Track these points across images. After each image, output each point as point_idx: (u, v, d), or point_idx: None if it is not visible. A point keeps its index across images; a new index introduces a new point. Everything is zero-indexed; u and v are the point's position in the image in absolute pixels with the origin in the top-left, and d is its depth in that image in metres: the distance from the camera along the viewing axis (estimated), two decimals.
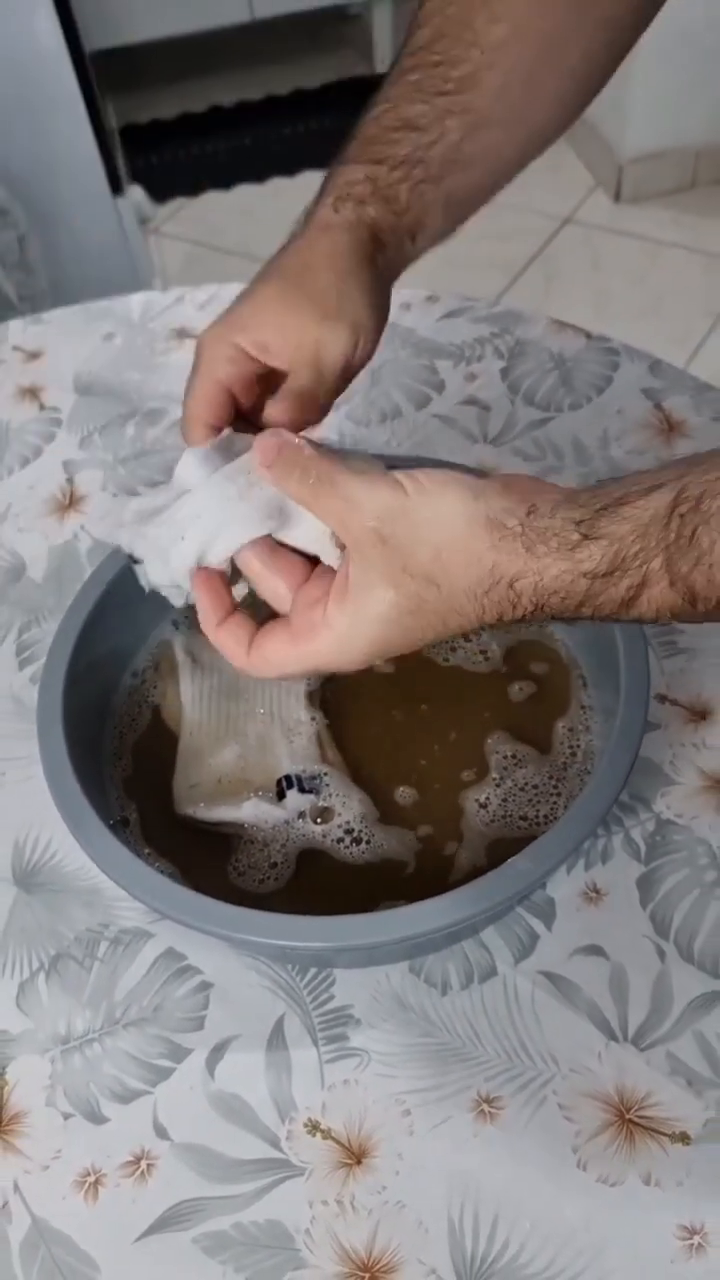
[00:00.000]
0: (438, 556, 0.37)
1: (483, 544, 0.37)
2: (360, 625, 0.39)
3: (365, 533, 0.38)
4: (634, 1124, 0.46)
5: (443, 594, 0.38)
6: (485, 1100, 0.47)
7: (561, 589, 0.37)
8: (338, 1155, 0.46)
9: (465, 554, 0.37)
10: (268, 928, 0.45)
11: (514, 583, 0.37)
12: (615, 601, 0.36)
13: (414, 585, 0.38)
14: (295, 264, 0.47)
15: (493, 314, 0.80)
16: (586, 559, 0.36)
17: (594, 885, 0.53)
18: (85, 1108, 0.48)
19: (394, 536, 0.37)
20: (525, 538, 0.37)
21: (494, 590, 0.37)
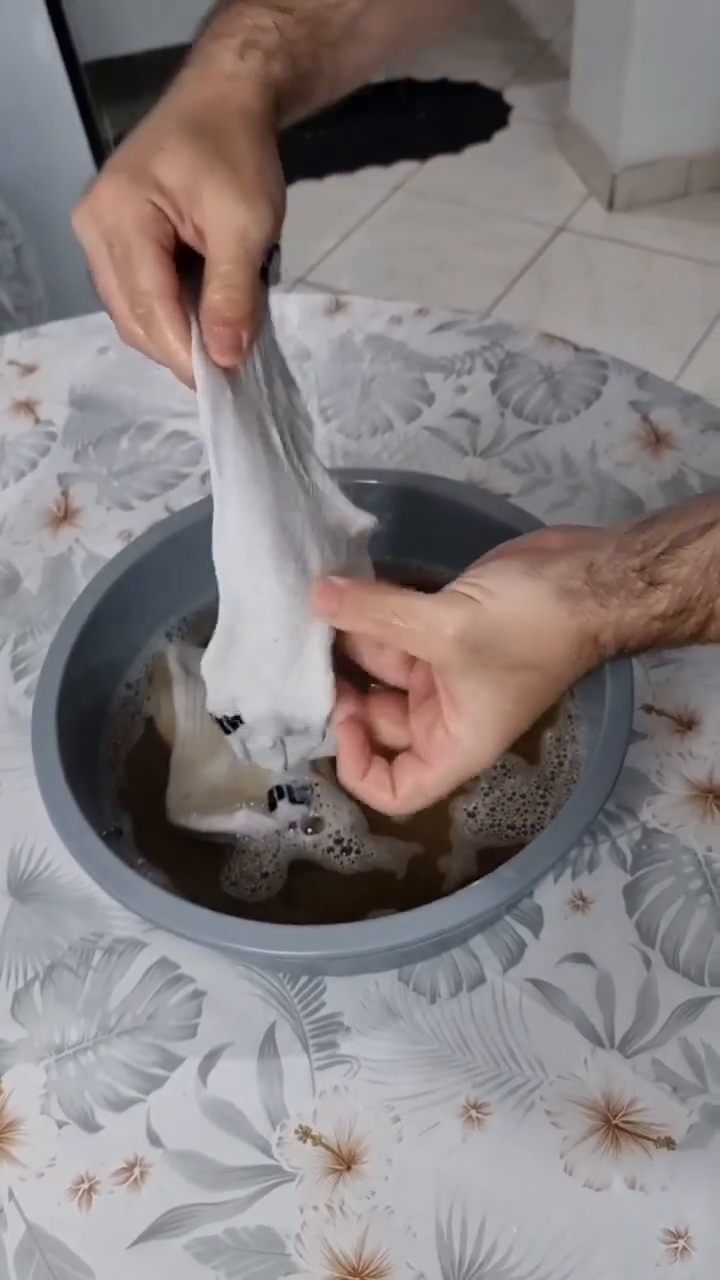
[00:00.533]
0: (532, 645, 0.39)
1: (564, 616, 0.39)
2: (485, 729, 0.41)
3: (452, 649, 0.39)
4: (620, 1129, 0.47)
5: (547, 674, 0.40)
6: (473, 1106, 0.48)
7: (637, 633, 0.39)
8: (328, 1161, 0.47)
9: (553, 632, 0.39)
10: (258, 937, 0.45)
11: (598, 637, 0.39)
12: (685, 635, 0.39)
13: (519, 677, 0.40)
14: (209, 121, 0.41)
15: (483, 327, 0.81)
16: (655, 603, 0.39)
17: (581, 894, 0.53)
18: (79, 1116, 0.49)
19: (482, 644, 0.39)
20: (596, 595, 0.39)
21: (584, 650, 0.40)
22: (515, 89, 2.50)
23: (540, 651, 0.39)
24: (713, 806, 0.56)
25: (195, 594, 0.63)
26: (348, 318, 0.83)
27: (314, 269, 2.12)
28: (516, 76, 2.53)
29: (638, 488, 0.70)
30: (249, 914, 0.47)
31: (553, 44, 2.61)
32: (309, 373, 0.79)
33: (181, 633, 0.62)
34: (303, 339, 0.82)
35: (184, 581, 0.61)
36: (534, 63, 2.57)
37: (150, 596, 0.61)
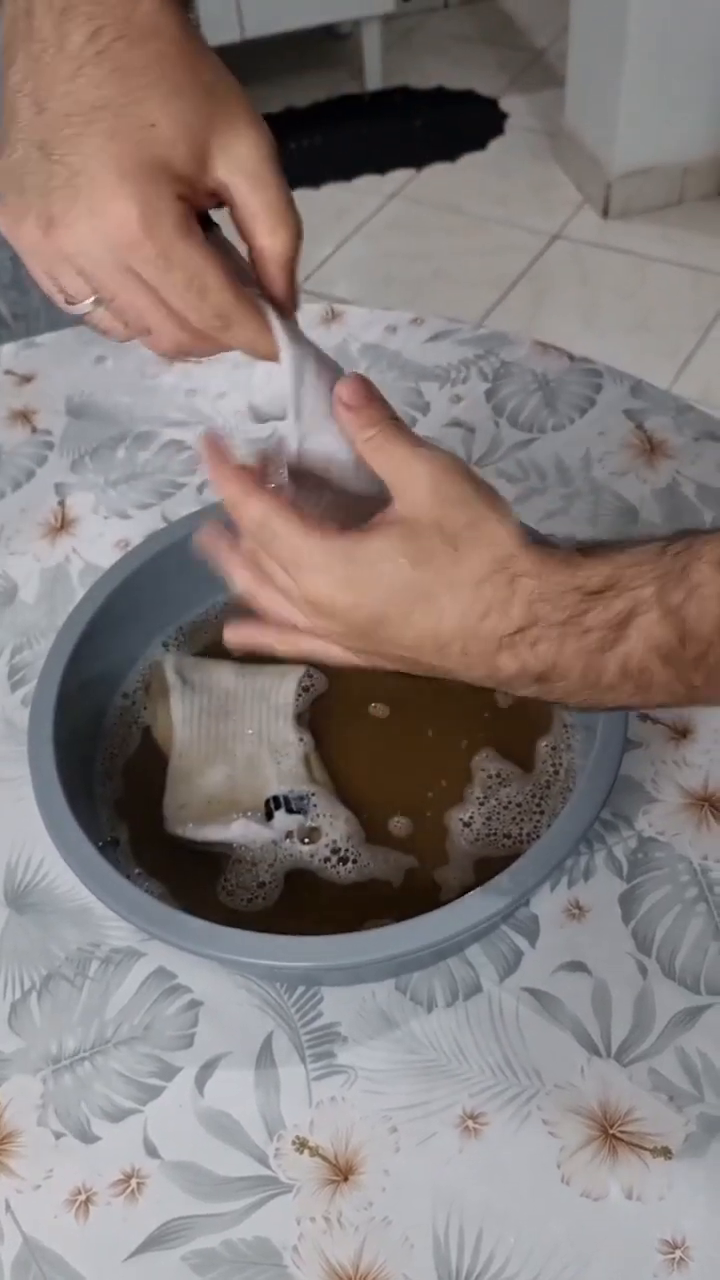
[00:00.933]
0: (471, 525, 0.38)
1: (507, 533, 0.38)
2: (362, 546, 0.39)
3: (424, 479, 0.38)
4: (617, 1138, 0.47)
5: (455, 558, 0.38)
6: (470, 1116, 0.48)
7: (554, 597, 0.37)
8: (325, 1172, 0.47)
9: (492, 534, 0.38)
10: (255, 948, 0.45)
11: (516, 578, 0.38)
12: (604, 625, 0.36)
13: (434, 540, 0.38)
14: (160, 72, 0.37)
15: (477, 336, 0.82)
16: (581, 573, 0.37)
17: (577, 902, 0.53)
18: (76, 1127, 0.49)
19: (448, 492, 0.38)
20: (540, 548, 0.38)
21: (497, 576, 0.38)
22: (511, 97, 2.51)
23: (473, 540, 0.38)
24: (708, 814, 0.56)
25: (192, 604, 0.63)
26: (343, 327, 0.83)
27: (311, 276, 2.13)
28: (512, 85, 2.54)
29: (632, 496, 0.70)
30: (245, 924, 0.47)
31: (548, 52, 2.62)
32: None
33: (178, 642, 0.63)
34: None
35: (181, 591, 0.62)
36: (529, 71, 2.59)
37: (147, 606, 0.61)
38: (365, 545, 0.39)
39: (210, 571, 0.47)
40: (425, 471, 0.39)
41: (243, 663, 0.60)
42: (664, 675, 0.36)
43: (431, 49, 2.66)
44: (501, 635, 0.38)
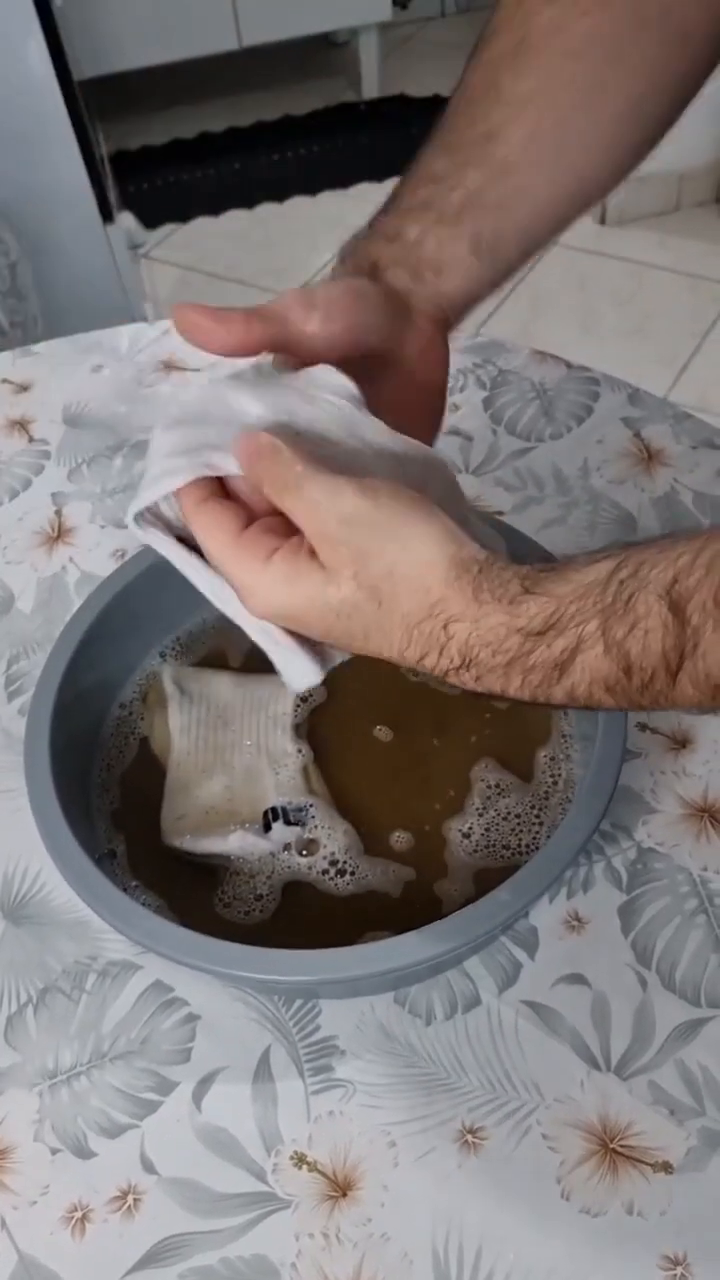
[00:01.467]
0: (390, 575, 0.37)
1: (437, 577, 0.37)
2: (292, 593, 0.39)
3: (326, 534, 0.38)
4: (617, 1153, 0.46)
5: (380, 612, 0.38)
6: (469, 1131, 0.47)
7: (494, 641, 0.36)
8: (323, 1188, 0.46)
9: (417, 582, 0.37)
10: (252, 962, 0.45)
11: (449, 624, 0.37)
12: (548, 664, 0.36)
13: (356, 593, 0.38)
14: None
15: (475, 344, 0.82)
16: (523, 614, 0.36)
17: (576, 914, 0.53)
18: (73, 1142, 0.48)
19: (353, 543, 0.37)
20: (475, 582, 0.37)
21: (427, 624, 0.37)
22: None
23: (394, 590, 0.37)
24: (708, 825, 0.56)
25: (189, 614, 0.63)
26: None
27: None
28: None
29: (630, 504, 0.70)
30: (243, 936, 0.46)
31: None
32: None
33: (176, 652, 0.62)
34: None
35: (178, 601, 0.61)
36: None
37: (144, 616, 0.60)
38: (294, 585, 0.39)
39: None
40: (334, 517, 0.38)
41: (241, 673, 0.60)
42: (610, 701, 0.36)
43: (429, 57, 2.66)
44: (445, 669, 0.38)
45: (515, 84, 0.48)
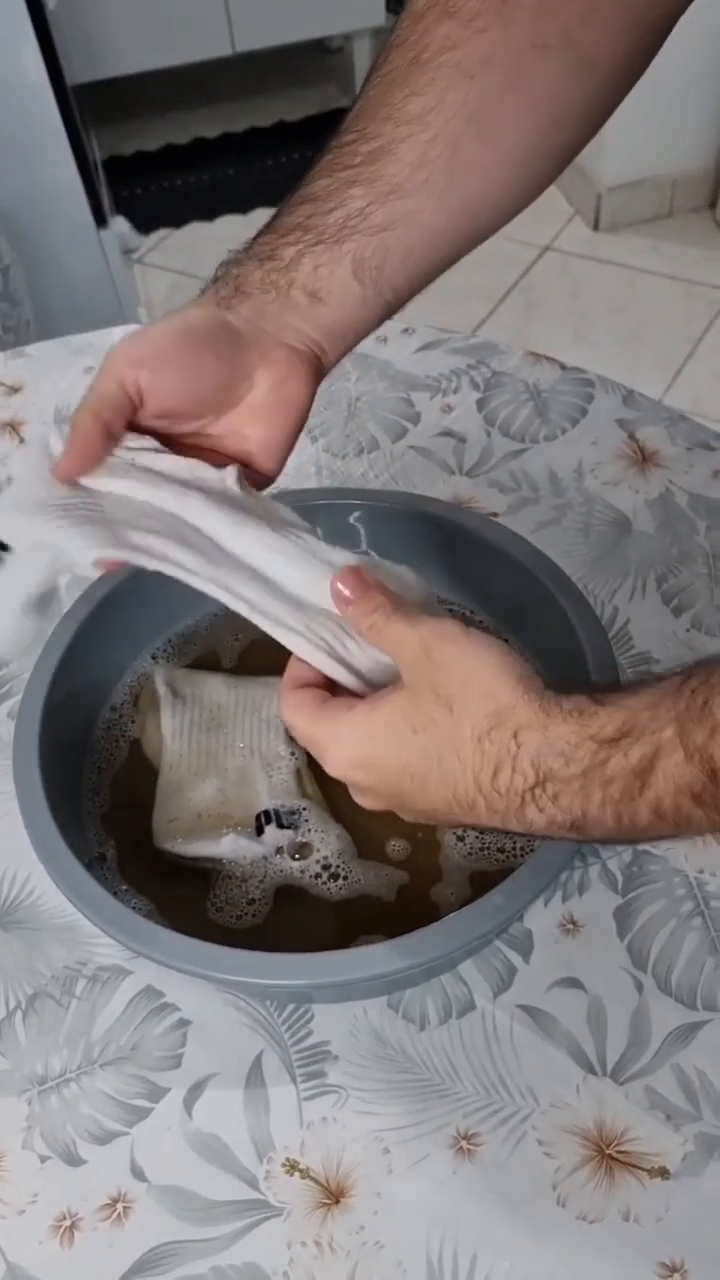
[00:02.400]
0: (464, 682, 0.38)
1: (505, 687, 0.37)
2: (372, 722, 0.39)
3: (418, 649, 0.39)
4: (613, 1159, 0.46)
5: (452, 719, 0.38)
6: (464, 1137, 0.47)
7: (566, 750, 0.35)
8: (316, 1195, 0.46)
9: (486, 687, 0.37)
10: (243, 965, 0.44)
11: (519, 732, 0.36)
12: (626, 773, 0.34)
13: (432, 705, 0.38)
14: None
15: (469, 346, 0.81)
16: (594, 723, 0.35)
17: (571, 917, 0.53)
18: (62, 1150, 0.48)
19: (438, 658, 0.38)
20: (544, 698, 0.37)
21: (496, 732, 0.37)
22: None
23: (465, 696, 0.37)
24: None
25: (181, 615, 0.63)
26: None
27: None
28: None
29: (625, 506, 0.70)
30: (234, 941, 0.46)
31: None
32: None
33: (167, 654, 0.62)
34: None
35: (169, 603, 0.61)
36: None
37: (135, 618, 0.60)
38: (373, 717, 0.40)
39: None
40: (417, 639, 0.39)
41: (234, 675, 0.60)
42: (699, 813, 0.34)
43: None
44: (520, 791, 0.37)
45: (408, 102, 0.45)
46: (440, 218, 0.46)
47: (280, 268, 0.45)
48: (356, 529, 0.60)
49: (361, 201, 0.45)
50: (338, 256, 0.45)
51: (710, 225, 2.20)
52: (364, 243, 0.45)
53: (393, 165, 0.45)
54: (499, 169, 0.47)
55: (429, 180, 0.45)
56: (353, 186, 0.45)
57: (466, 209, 0.47)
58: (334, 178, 0.46)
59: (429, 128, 0.45)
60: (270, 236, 0.46)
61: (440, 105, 0.45)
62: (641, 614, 0.64)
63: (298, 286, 0.45)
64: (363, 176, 0.45)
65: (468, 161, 0.45)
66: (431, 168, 0.45)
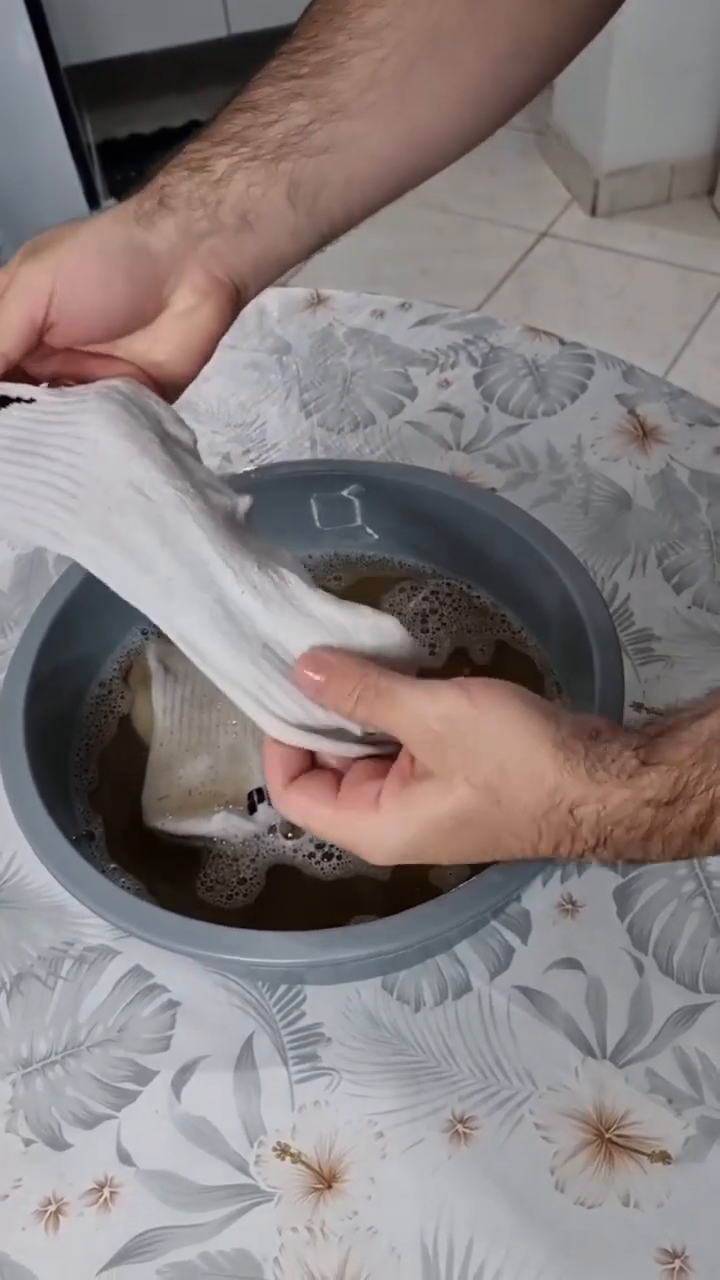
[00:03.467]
0: (502, 770, 0.35)
1: (547, 763, 0.35)
2: (408, 820, 0.37)
3: (429, 736, 0.36)
4: (613, 1143, 0.45)
5: (502, 810, 0.36)
6: (460, 1120, 0.46)
7: (626, 819, 0.35)
8: (308, 1180, 0.45)
9: (529, 771, 0.35)
10: (233, 944, 0.43)
11: (574, 809, 0.35)
12: (685, 830, 0.34)
13: (474, 797, 0.36)
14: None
15: (466, 321, 0.80)
16: (648, 786, 0.34)
17: (570, 897, 0.51)
18: (47, 1134, 0.46)
19: (459, 744, 0.36)
20: (588, 761, 0.35)
21: (553, 814, 0.35)
22: None
23: (510, 785, 0.35)
24: None
25: None
26: (329, 311, 0.82)
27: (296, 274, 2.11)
28: None
29: (625, 482, 0.69)
30: (225, 921, 0.45)
31: None
32: (290, 366, 0.77)
33: (159, 630, 0.60)
34: (283, 333, 0.80)
35: None
36: None
37: None
38: (408, 813, 0.37)
39: None
40: (421, 724, 0.36)
41: None
42: None
43: None
44: (582, 851, 0.36)
45: (364, 14, 0.42)
46: (385, 146, 0.44)
47: (210, 181, 0.42)
48: (351, 502, 0.59)
49: (304, 118, 0.42)
50: (273, 176, 0.42)
51: (708, 211, 2.18)
52: (302, 164, 0.42)
53: (341, 81, 0.42)
54: (453, 98, 0.44)
55: (377, 103, 0.42)
56: (296, 99, 0.42)
57: (414, 140, 0.44)
58: (277, 87, 0.42)
59: (383, 44, 0.42)
60: (203, 144, 0.43)
61: (397, 21, 0.42)
62: (642, 591, 0.63)
63: (227, 206, 0.42)
64: (309, 90, 0.42)
65: (419, 87, 0.43)
66: (382, 89, 0.42)
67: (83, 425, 0.41)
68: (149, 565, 0.40)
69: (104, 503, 0.40)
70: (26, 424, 0.41)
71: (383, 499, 0.59)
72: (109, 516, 0.40)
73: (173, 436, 0.43)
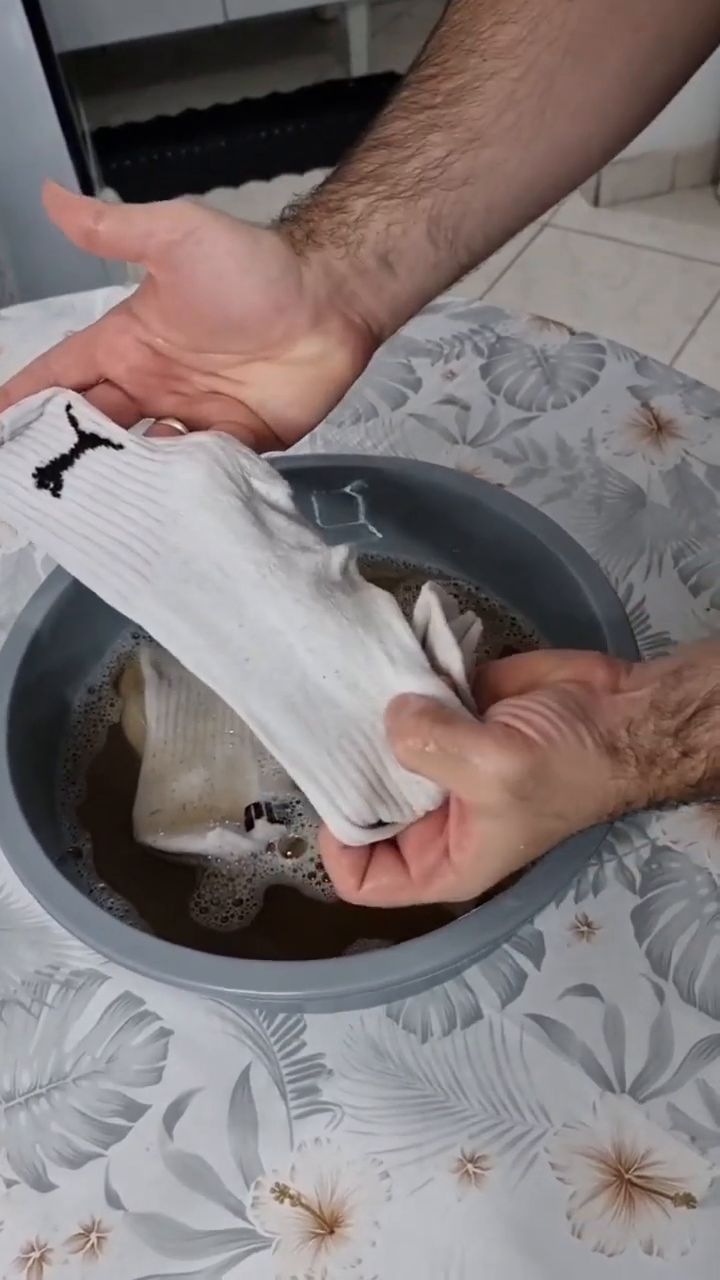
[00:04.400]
0: (570, 797, 0.35)
1: (605, 775, 0.35)
2: (484, 864, 0.36)
3: (498, 794, 0.34)
4: (633, 1185, 0.42)
5: (569, 825, 0.36)
6: (470, 1160, 0.43)
7: (674, 797, 0.36)
8: (308, 1224, 0.42)
9: (593, 789, 0.35)
10: (226, 974, 0.40)
11: (632, 803, 0.36)
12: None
13: (542, 824, 0.36)
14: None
15: (471, 310, 0.77)
16: (690, 771, 0.35)
17: (585, 918, 0.49)
18: (30, 1173, 0.44)
19: (530, 793, 0.35)
20: (638, 761, 0.35)
21: (614, 809, 0.36)
22: None
23: (576, 806, 0.36)
24: None
25: None
26: None
27: None
28: None
29: (639, 478, 0.66)
30: (220, 945, 0.42)
31: None
32: None
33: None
34: None
35: None
36: None
37: None
38: (479, 864, 0.36)
39: None
40: (494, 780, 0.34)
41: None
42: None
43: (419, 34, 2.59)
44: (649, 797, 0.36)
45: (495, 32, 0.40)
46: (525, 169, 0.42)
47: (349, 221, 0.40)
48: (354, 499, 0.56)
49: (441, 150, 0.40)
50: (413, 215, 0.40)
51: (712, 201, 2.15)
52: (442, 198, 0.41)
53: (476, 107, 0.40)
54: (594, 108, 0.42)
55: (516, 125, 0.40)
56: (431, 131, 0.40)
57: (555, 156, 0.42)
58: (410, 120, 0.41)
59: (519, 62, 0.40)
60: (338, 185, 0.41)
61: (532, 35, 0.40)
62: (658, 592, 0.60)
63: (368, 247, 0.40)
64: (443, 119, 0.40)
65: (560, 101, 0.41)
66: (520, 109, 0.40)
67: (164, 493, 0.39)
68: (224, 643, 0.38)
69: (180, 575, 0.38)
70: (111, 473, 0.40)
71: (387, 496, 0.56)
72: (184, 589, 0.38)
73: (260, 495, 0.41)
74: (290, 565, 0.39)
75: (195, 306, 0.40)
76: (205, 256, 0.38)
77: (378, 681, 0.38)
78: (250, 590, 0.38)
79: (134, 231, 0.39)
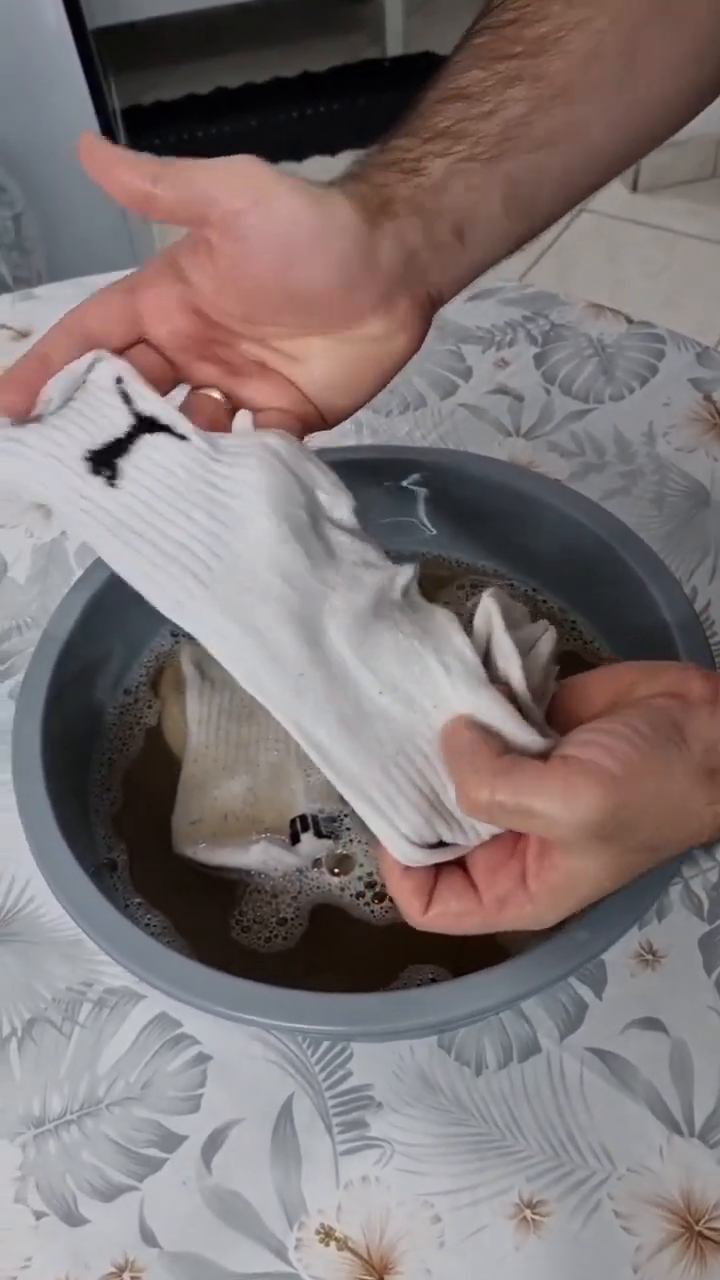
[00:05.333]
0: (658, 830, 0.33)
1: (701, 801, 0.32)
2: (564, 898, 0.34)
3: (579, 835, 0.32)
4: (704, 1237, 0.39)
5: (657, 856, 0.34)
6: (528, 1205, 0.40)
7: None
8: (355, 1269, 0.39)
9: (685, 818, 0.33)
10: (268, 1005, 0.38)
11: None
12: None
13: (629, 857, 0.33)
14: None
15: (524, 296, 0.73)
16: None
17: (650, 946, 0.46)
18: (60, 1206, 0.41)
19: (614, 832, 0.32)
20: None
21: (709, 836, 0.34)
22: None
23: (664, 835, 0.33)
24: None
25: None
26: None
27: None
28: None
29: (701, 475, 0.62)
30: (262, 966, 0.39)
31: None
32: None
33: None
34: None
35: None
36: None
37: None
38: (559, 895, 0.34)
39: None
40: (571, 824, 0.31)
41: None
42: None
43: (455, 15, 2.55)
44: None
45: None
46: (607, 129, 0.39)
47: (428, 186, 0.37)
48: (413, 493, 0.53)
49: (523, 106, 0.37)
50: (492, 180, 0.37)
51: None
52: (520, 163, 0.38)
53: (560, 59, 0.37)
54: (679, 64, 0.39)
55: (601, 81, 0.37)
56: (513, 85, 0.37)
57: (636, 119, 0.39)
58: (490, 70, 0.37)
59: (605, 10, 0.37)
60: (412, 141, 0.37)
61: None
62: None
63: (446, 220, 0.37)
64: (526, 72, 0.37)
65: (647, 55, 0.38)
66: (605, 63, 0.37)
67: (233, 497, 0.36)
68: (280, 657, 0.35)
69: (244, 584, 0.35)
70: (175, 467, 0.37)
71: (444, 490, 0.53)
72: (247, 599, 0.35)
73: (323, 508, 0.38)
74: (355, 582, 0.36)
75: (256, 278, 0.37)
76: (272, 228, 0.35)
77: (433, 695, 0.36)
78: (314, 608, 0.36)
79: (197, 197, 0.35)
